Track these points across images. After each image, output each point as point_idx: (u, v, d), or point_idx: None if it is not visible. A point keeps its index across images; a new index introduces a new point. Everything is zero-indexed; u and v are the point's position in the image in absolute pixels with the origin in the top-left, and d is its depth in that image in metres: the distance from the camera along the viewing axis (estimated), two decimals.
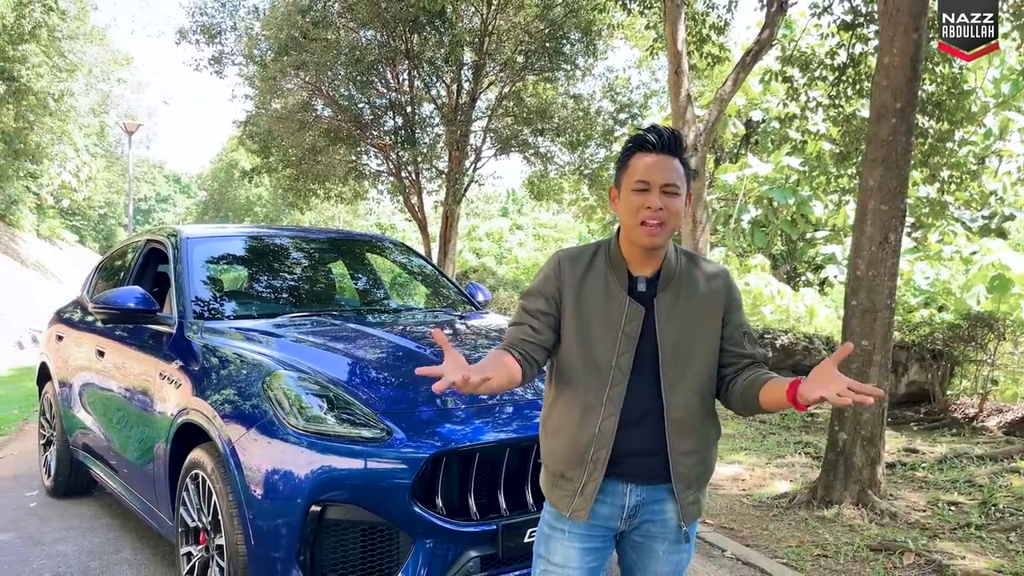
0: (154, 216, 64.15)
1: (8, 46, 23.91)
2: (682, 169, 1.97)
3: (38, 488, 5.49)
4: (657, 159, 1.93)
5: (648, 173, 1.92)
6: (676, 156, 1.96)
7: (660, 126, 2.02)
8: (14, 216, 35.84)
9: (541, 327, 1.96)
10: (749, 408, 1.96)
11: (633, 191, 1.93)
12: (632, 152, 1.98)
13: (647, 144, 1.95)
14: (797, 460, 6.13)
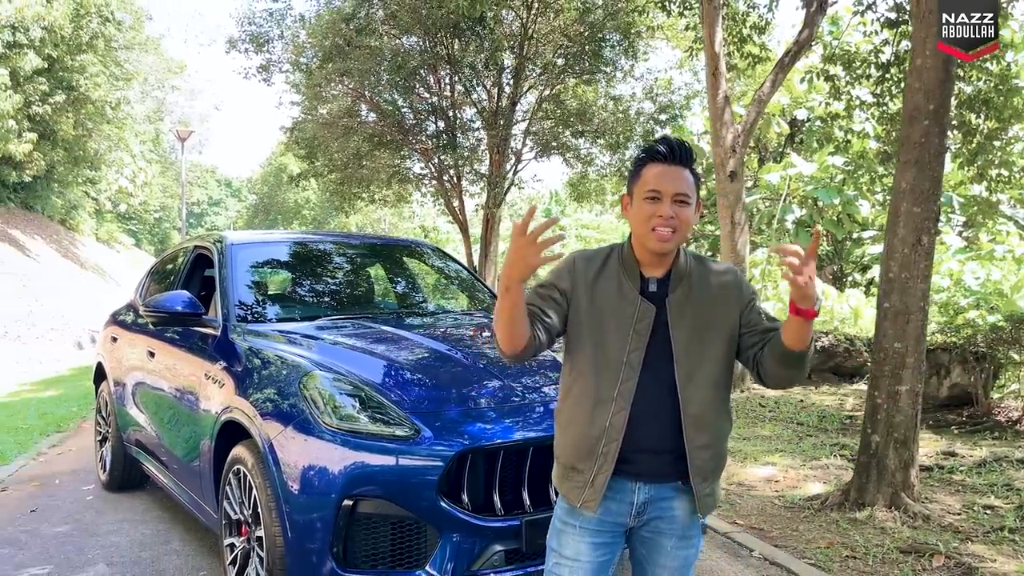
0: (206, 219, 65.67)
1: (67, 56, 24.73)
2: (692, 179, 2.07)
3: (94, 482, 5.77)
4: (668, 169, 2.03)
5: (659, 183, 2.01)
6: (686, 166, 2.06)
7: (671, 137, 2.11)
8: (74, 221, 37.02)
9: (550, 311, 2.05)
10: (784, 360, 1.98)
11: (645, 200, 2.03)
12: (644, 162, 2.08)
13: (658, 155, 2.05)
14: (832, 462, 6.12)
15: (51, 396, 10.31)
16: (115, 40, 30.44)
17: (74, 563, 4.16)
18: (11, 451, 6.83)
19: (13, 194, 30.72)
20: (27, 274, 24.47)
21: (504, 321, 1.91)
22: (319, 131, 15.07)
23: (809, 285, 1.81)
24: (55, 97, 24.22)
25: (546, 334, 2.04)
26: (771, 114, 20.32)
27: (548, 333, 2.05)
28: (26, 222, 30.70)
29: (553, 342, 2.10)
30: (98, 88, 27.10)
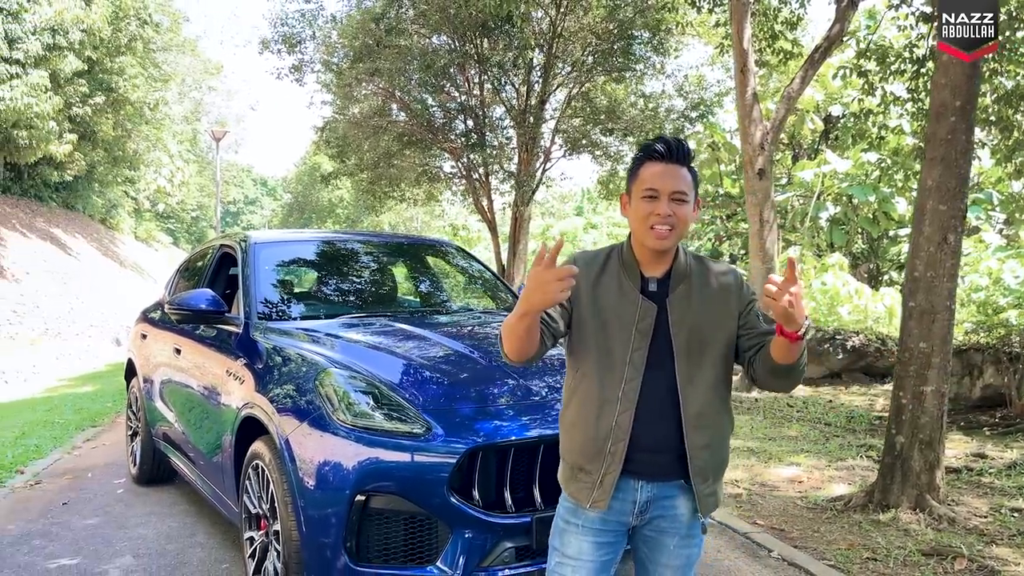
0: (242, 218, 66.56)
1: (106, 58, 25.22)
2: (690, 177, 2.07)
3: (125, 476, 5.90)
4: (666, 168, 2.04)
5: (657, 181, 2.02)
6: (684, 165, 2.07)
7: (669, 136, 2.12)
8: (114, 220, 37.77)
9: (554, 315, 2.06)
10: (773, 371, 1.99)
11: (643, 198, 2.04)
12: (641, 161, 2.09)
13: (656, 153, 2.06)
14: (858, 463, 6.05)
15: (88, 392, 10.57)
16: (153, 42, 30.97)
17: (102, 555, 4.26)
18: (47, 445, 7.02)
19: (55, 194, 31.45)
20: (68, 272, 25.03)
21: (516, 338, 1.93)
22: (349, 130, 15.22)
23: (793, 308, 1.78)
24: (95, 98, 24.72)
25: (551, 338, 2.06)
26: (805, 111, 20.08)
27: (553, 337, 2.07)
28: (67, 221, 31.40)
29: (556, 343, 2.11)
30: (136, 89, 27.59)
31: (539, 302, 1.82)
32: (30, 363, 14.32)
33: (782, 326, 1.84)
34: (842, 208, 19.21)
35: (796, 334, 1.84)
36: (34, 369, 13.84)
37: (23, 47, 17.84)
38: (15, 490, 5.60)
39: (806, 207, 18.82)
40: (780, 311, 1.79)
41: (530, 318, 1.88)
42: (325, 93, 16.99)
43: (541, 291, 1.79)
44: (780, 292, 1.77)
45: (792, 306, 1.77)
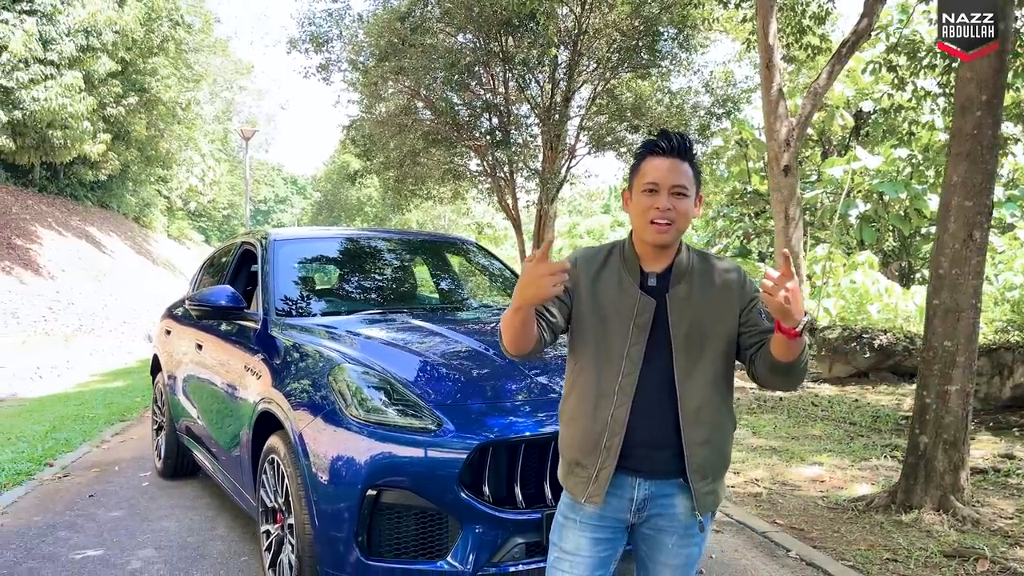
0: (273, 217, 67.24)
1: (139, 59, 25.61)
2: (691, 172, 2.06)
3: (151, 470, 6.00)
4: (667, 162, 2.03)
5: (657, 175, 2.02)
6: (685, 159, 2.06)
7: (670, 131, 2.11)
8: (147, 218, 38.38)
9: (554, 309, 2.06)
10: (773, 368, 1.98)
11: (643, 192, 2.04)
12: (643, 156, 2.09)
13: (657, 148, 2.06)
14: (883, 463, 5.96)
15: (118, 387, 10.75)
16: (185, 43, 31.41)
17: (125, 546, 4.33)
18: (77, 438, 7.15)
19: (90, 193, 32.03)
20: (102, 270, 25.47)
21: (512, 331, 1.94)
22: (375, 129, 15.31)
23: (789, 304, 1.76)
24: (128, 99, 25.13)
25: (550, 333, 2.06)
26: (835, 106, 19.81)
27: (552, 331, 2.07)
28: (102, 219, 31.94)
29: (556, 339, 2.11)
30: (168, 89, 28.00)
31: (532, 296, 1.82)
32: (64, 359, 14.60)
33: (779, 322, 1.83)
34: (872, 205, 18.92)
35: (793, 330, 1.82)
36: (68, 364, 14.11)
37: (57, 48, 18.18)
38: (44, 483, 5.71)
39: (835, 204, 18.56)
40: (776, 306, 1.77)
41: (524, 312, 1.88)
42: (351, 92, 17.10)
43: (534, 285, 1.80)
44: (776, 287, 1.76)
45: (788, 302, 1.76)
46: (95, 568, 4.01)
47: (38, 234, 23.73)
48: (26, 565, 4.05)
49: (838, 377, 9.74)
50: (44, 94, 17.65)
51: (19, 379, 12.05)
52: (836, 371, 9.79)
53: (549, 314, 2.06)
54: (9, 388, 11.23)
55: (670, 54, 14.62)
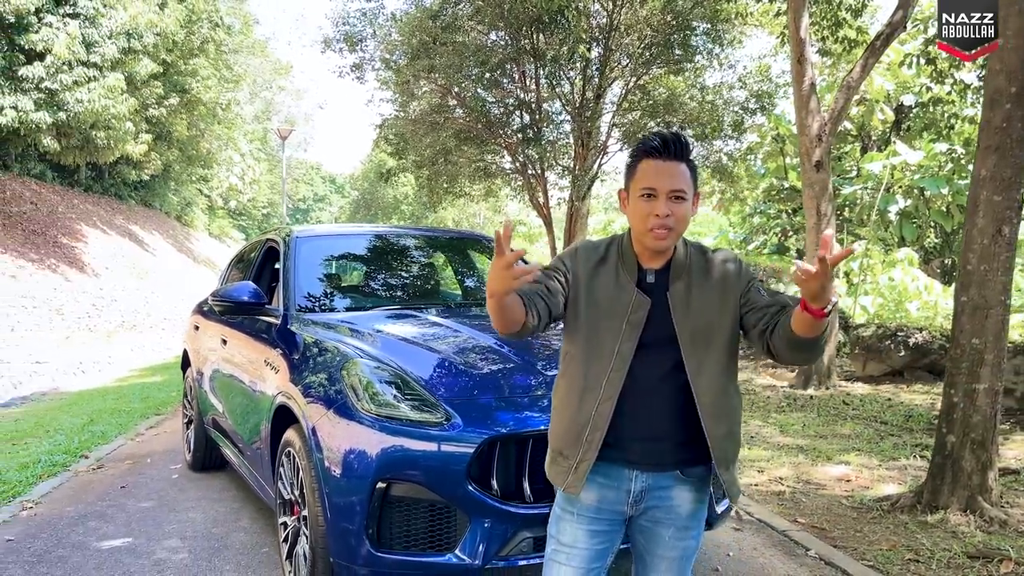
0: (312, 215, 68.05)
1: (180, 61, 26.10)
2: (688, 173, 2.06)
3: (181, 462, 6.12)
4: (663, 165, 2.02)
5: (654, 180, 2.01)
6: (681, 160, 2.05)
7: (666, 131, 2.10)
8: (188, 217, 39.13)
9: (554, 289, 2.06)
10: (792, 344, 1.92)
11: (640, 197, 2.03)
12: (639, 158, 2.08)
13: (652, 150, 2.04)
14: (912, 463, 5.86)
15: (156, 381, 10.98)
16: (225, 44, 31.95)
17: (152, 536, 4.44)
18: (112, 431, 7.33)
19: (134, 192, 32.78)
20: (145, 267, 26.03)
21: (493, 315, 1.93)
22: (407, 127, 15.41)
23: (824, 287, 1.72)
24: (169, 100, 25.67)
25: (546, 315, 2.03)
26: (874, 100, 19.46)
27: (548, 314, 2.04)
28: (145, 218, 32.64)
29: (551, 323, 2.10)
30: (208, 90, 28.52)
31: (496, 288, 1.82)
32: (106, 354, 14.96)
33: (807, 302, 1.79)
34: (913, 201, 18.55)
35: (822, 311, 1.79)
36: (109, 360, 14.45)
37: (100, 51, 18.61)
38: (78, 474, 5.87)
39: (874, 200, 18.23)
40: (811, 291, 1.73)
41: (495, 300, 1.87)
42: (384, 91, 17.23)
43: (498, 278, 1.79)
44: (816, 276, 1.69)
45: (823, 286, 1.72)
46: (121, 557, 4.11)
47: (83, 233, 24.34)
48: (56, 553, 4.17)
49: (872, 376, 9.59)
50: (87, 96, 18.09)
51: (62, 374, 12.38)
52: (870, 369, 9.63)
53: (549, 293, 2.05)
54: (52, 383, 11.55)
55: (704, 49, 14.48)
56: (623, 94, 14.88)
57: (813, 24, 12.50)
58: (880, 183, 18.44)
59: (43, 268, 19.37)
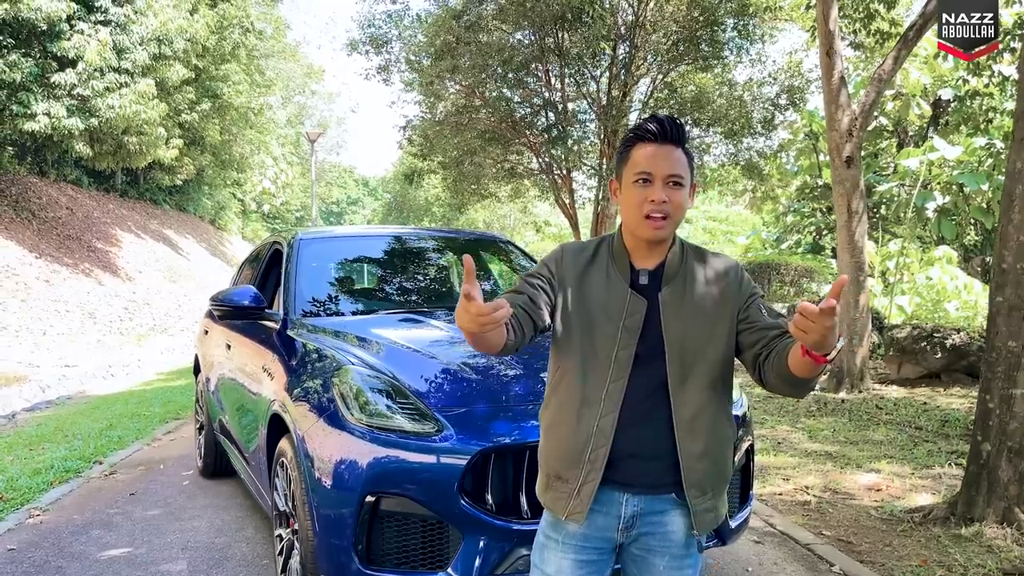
0: (345, 217, 68.50)
1: (212, 66, 26.34)
2: (685, 159, 1.91)
3: (193, 468, 6.05)
4: (659, 149, 1.87)
5: (650, 164, 1.86)
6: (678, 145, 1.89)
7: (661, 115, 1.94)
8: (222, 220, 39.56)
9: (538, 300, 1.90)
10: (785, 380, 1.77)
11: (635, 184, 1.88)
12: (632, 143, 1.93)
13: (648, 134, 1.89)
14: (947, 471, 5.58)
15: (179, 385, 10.98)
16: (256, 49, 32.23)
17: (153, 546, 4.35)
18: (129, 436, 7.30)
19: (168, 197, 33.21)
20: (178, 271, 26.31)
21: (470, 343, 1.77)
22: (431, 129, 15.34)
23: (827, 337, 1.54)
24: (202, 105, 25.91)
25: (530, 329, 1.87)
26: (911, 94, 18.97)
27: (532, 327, 1.88)
28: (180, 222, 33.04)
29: (537, 335, 1.94)
30: (240, 95, 28.75)
31: (466, 328, 1.66)
32: (136, 357, 15.08)
33: (808, 348, 1.61)
34: (952, 198, 18.03)
35: (824, 357, 1.61)
36: (139, 363, 14.56)
37: (131, 57, 18.79)
38: (90, 480, 5.82)
39: (911, 197, 17.75)
40: (812, 342, 1.56)
41: (467, 336, 1.71)
42: (410, 92, 17.19)
43: (466, 319, 1.63)
44: (817, 327, 1.51)
45: (825, 336, 1.53)
46: (119, 568, 4.02)
47: (118, 237, 24.66)
48: (54, 564, 4.10)
49: (907, 378, 9.26)
50: (119, 101, 18.27)
51: (90, 377, 12.47)
52: (905, 372, 9.30)
53: (534, 305, 1.89)
54: (80, 386, 11.63)
55: (732, 45, 14.19)
56: (649, 92, 14.63)
57: (845, 17, 12.16)
58: (917, 179, 17.96)
59: (77, 272, 19.63)
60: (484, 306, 1.59)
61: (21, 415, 9.06)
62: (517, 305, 1.87)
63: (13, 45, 17.05)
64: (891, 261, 15.32)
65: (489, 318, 1.59)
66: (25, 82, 17.19)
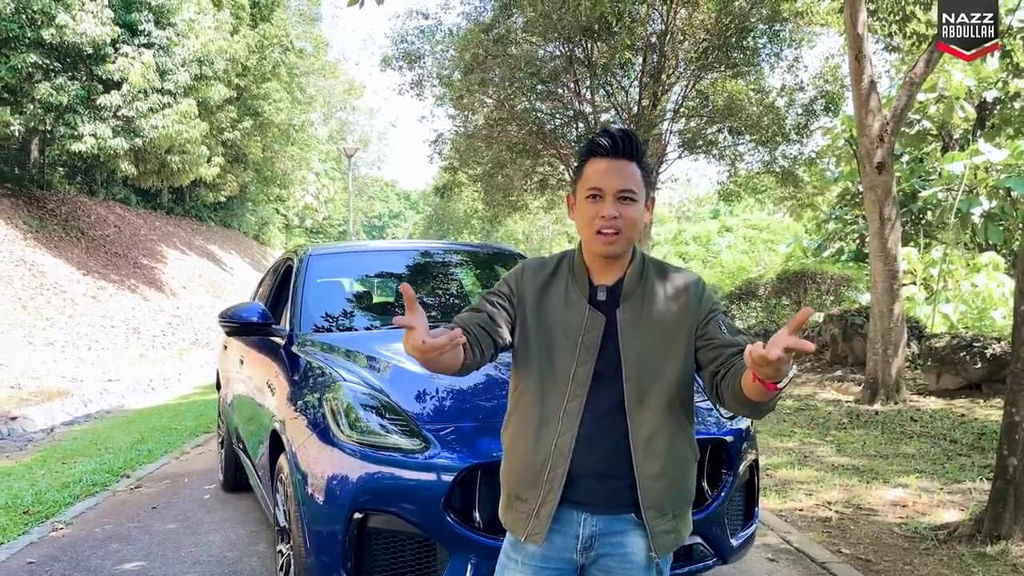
0: (387, 231, 69.24)
1: (253, 85, 26.87)
2: (639, 173, 1.87)
3: (216, 483, 6.13)
4: (611, 164, 1.85)
5: (601, 180, 1.84)
6: (632, 160, 1.86)
7: (615, 129, 1.91)
8: (266, 236, 40.22)
9: (497, 319, 1.89)
10: (741, 403, 1.72)
11: (586, 199, 1.86)
12: (586, 158, 1.91)
13: (600, 148, 1.87)
14: (977, 487, 5.39)
15: (213, 399, 11.10)
16: (297, 67, 32.81)
17: (167, 560, 4.41)
18: (159, 450, 7.43)
19: (213, 213, 33.90)
20: (221, 286, 26.81)
21: (425, 367, 1.76)
22: (462, 142, 15.43)
23: (779, 371, 1.49)
24: (243, 123, 26.45)
25: (489, 348, 1.87)
26: (954, 97, 18.50)
27: (493, 345, 1.88)
28: (224, 238, 33.70)
29: (498, 354, 1.93)
30: (280, 112, 29.27)
31: (410, 355, 1.65)
32: (177, 372, 15.37)
33: (757, 374, 1.56)
34: (999, 202, 17.51)
35: (775, 385, 1.57)
36: (179, 377, 14.84)
37: (173, 78, 19.26)
38: (116, 493, 5.93)
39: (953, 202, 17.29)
40: (765, 374, 1.52)
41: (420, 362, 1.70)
42: (442, 106, 17.32)
43: (409, 349, 1.62)
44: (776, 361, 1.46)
45: (778, 370, 1.49)
46: None
47: (163, 254, 25.23)
48: None
49: (946, 389, 8.98)
50: (161, 121, 18.71)
51: (131, 391, 12.75)
52: (944, 383, 9.03)
53: (494, 323, 1.88)
54: (119, 400, 11.89)
55: (766, 51, 14.02)
56: (680, 100, 14.52)
57: (880, 19, 11.94)
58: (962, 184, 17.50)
59: (123, 289, 20.11)
60: (430, 341, 1.59)
61: (60, 429, 9.29)
62: (476, 323, 1.87)
63: (60, 69, 17.59)
64: (935, 268, 14.92)
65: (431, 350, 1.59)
66: (72, 104, 17.71)
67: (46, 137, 19.81)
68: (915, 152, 20.65)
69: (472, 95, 14.46)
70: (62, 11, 16.51)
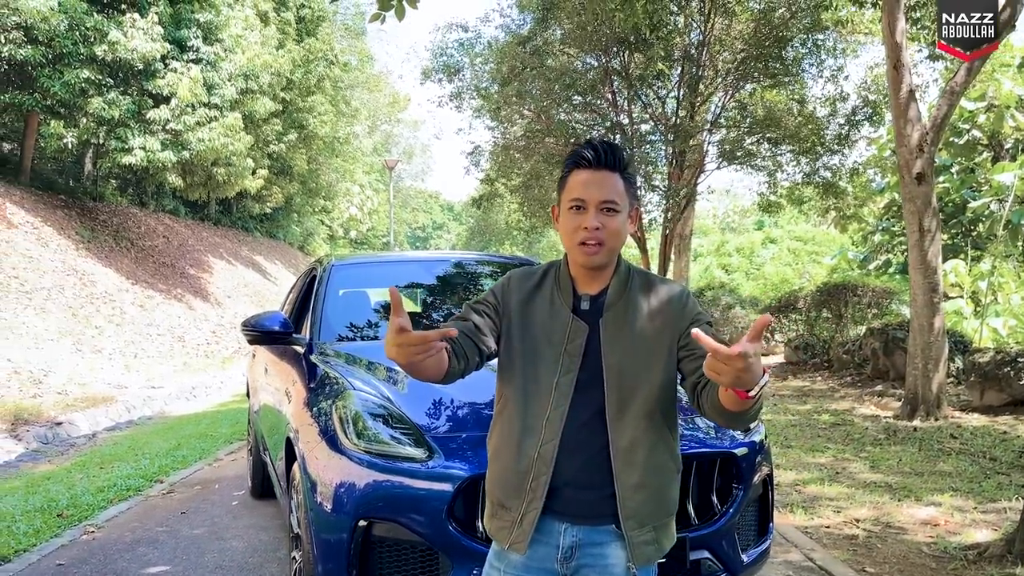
0: (431, 242, 69.78)
1: (298, 99, 27.37)
2: (622, 184, 1.88)
3: (245, 489, 6.22)
4: (593, 175, 1.86)
5: (583, 191, 1.85)
6: (615, 171, 1.86)
7: (597, 140, 1.92)
8: (311, 246, 40.81)
9: (483, 327, 1.90)
10: (722, 414, 1.70)
11: (570, 210, 1.88)
12: (569, 169, 1.92)
13: (583, 160, 1.88)
14: (1013, 506, 5.21)
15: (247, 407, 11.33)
16: (341, 81, 33.31)
17: (191, 564, 4.49)
18: (193, 456, 7.57)
19: (259, 224, 34.53)
20: (265, 295, 27.26)
21: (408, 373, 1.76)
22: (499, 154, 15.50)
23: (744, 374, 1.45)
24: (289, 136, 26.94)
25: (474, 356, 1.89)
26: (1004, 106, 18.04)
27: (478, 353, 1.90)
28: (269, 249, 34.29)
29: (483, 362, 1.95)
30: (324, 125, 29.74)
31: (393, 358, 1.65)
32: (219, 380, 15.66)
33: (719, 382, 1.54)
34: None
35: (746, 393, 1.55)
36: (220, 385, 15.11)
37: (220, 92, 19.72)
38: (148, 498, 6.06)
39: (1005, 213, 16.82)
40: (726, 383, 1.50)
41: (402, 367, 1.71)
42: (480, 118, 17.44)
43: (394, 353, 1.63)
44: (728, 369, 1.44)
45: (739, 378, 1.46)
46: None
47: (210, 264, 25.77)
48: None
49: (990, 405, 8.72)
50: (208, 135, 19.16)
51: (173, 399, 13.02)
52: (988, 399, 8.77)
53: (480, 332, 1.90)
54: (161, 407, 12.15)
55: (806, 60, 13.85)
56: (718, 111, 14.40)
57: (924, 28, 11.73)
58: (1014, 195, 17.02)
59: (170, 298, 20.58)
60: (425, 334, 1.60)
61: (102, 434, 9.52)
62: (461, 332, 1.88)
63: (112, 84, 18.12)
64: (983, 281, 14.53)
65: (422, 341, 1.59)
66: (123, 118, 18.23)
67: (98, 150, 20.42)
68: (965, 162, 20.18)
69: (510, 107, 14.53)
70: (114, 28, 17.03)
